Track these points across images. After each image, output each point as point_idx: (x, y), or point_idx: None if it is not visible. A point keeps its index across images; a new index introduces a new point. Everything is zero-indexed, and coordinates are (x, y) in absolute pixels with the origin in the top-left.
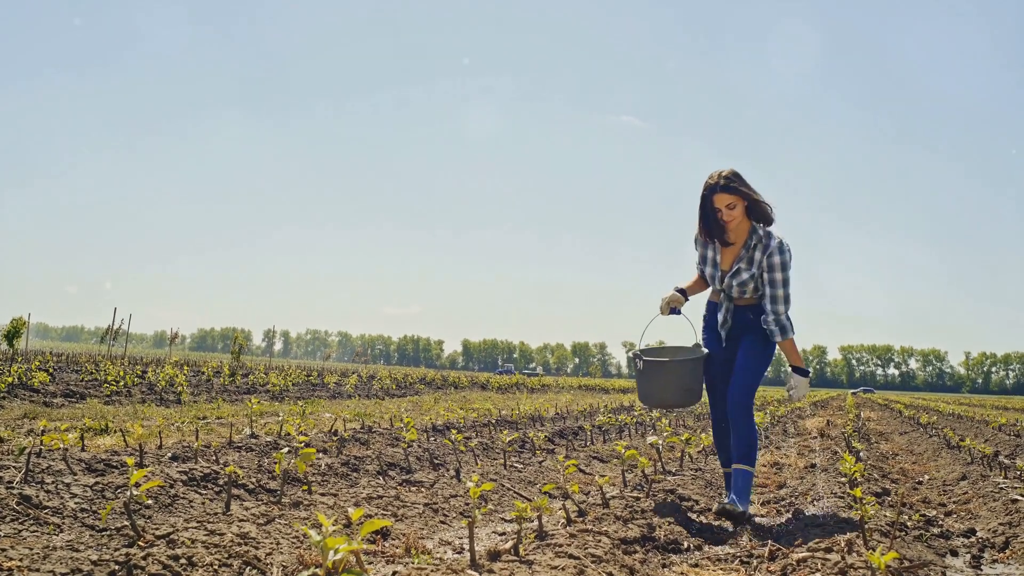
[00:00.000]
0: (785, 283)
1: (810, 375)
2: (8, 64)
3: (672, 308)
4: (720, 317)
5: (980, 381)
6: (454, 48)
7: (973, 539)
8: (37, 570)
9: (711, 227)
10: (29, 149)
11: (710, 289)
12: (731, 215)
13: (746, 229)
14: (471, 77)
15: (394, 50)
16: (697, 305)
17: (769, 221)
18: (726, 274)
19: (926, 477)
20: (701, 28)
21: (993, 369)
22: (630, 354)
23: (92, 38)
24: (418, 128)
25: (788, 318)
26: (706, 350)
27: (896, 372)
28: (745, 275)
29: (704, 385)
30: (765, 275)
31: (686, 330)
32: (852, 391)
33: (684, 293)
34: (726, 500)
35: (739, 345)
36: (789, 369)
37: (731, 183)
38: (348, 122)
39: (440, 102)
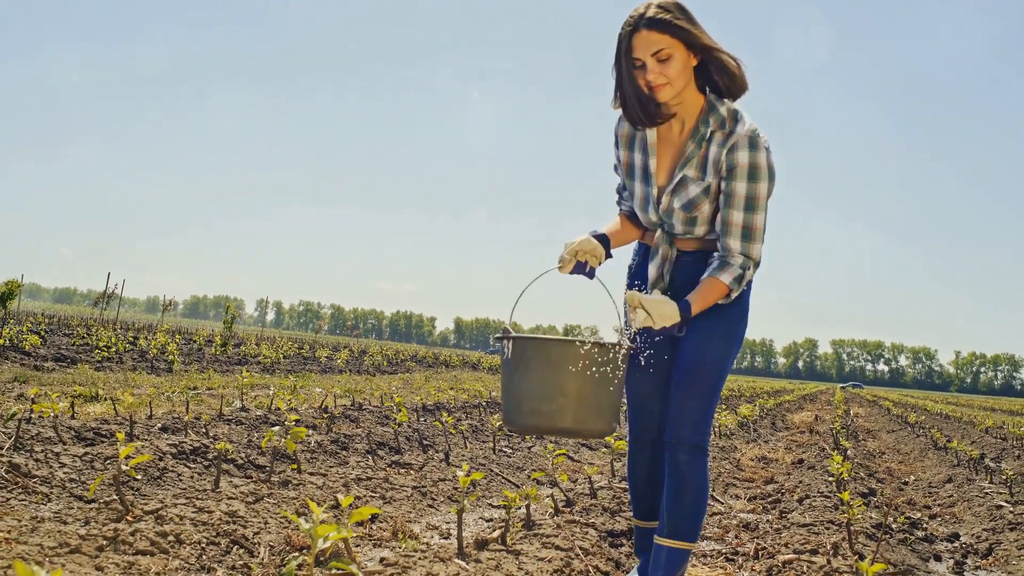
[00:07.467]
0: (758, 201)
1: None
2: (10, 32)
3: (579, 264)
4: (653, 270)
5: (968, 381)
6: (454, 33)
7: (957, 544)
8: (25, 542)
9: (628, 99)
10: (29, 115)
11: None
12: (660, 74)
13: (697, 107)
14: (471, 61)
15: (397, 35)
16: (620, 265)
17: (739, 88)
18: (663, 190)
19: (912, 478)
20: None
21: (982, 369)
22: (493, 338)
23: (94, 7)
24: (419, 110)
25: (756, 266)
26: (628, 343)
27: (886, 368)
28: (695, 189)
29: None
30: (725, 184)
31: (607, 312)
32: (841, 386)
33: (605, 243)
34: None
35: (686, 331)
36: (655, 294)
37: (664, 14)
38: (349, 101)
39: (440, 86)
